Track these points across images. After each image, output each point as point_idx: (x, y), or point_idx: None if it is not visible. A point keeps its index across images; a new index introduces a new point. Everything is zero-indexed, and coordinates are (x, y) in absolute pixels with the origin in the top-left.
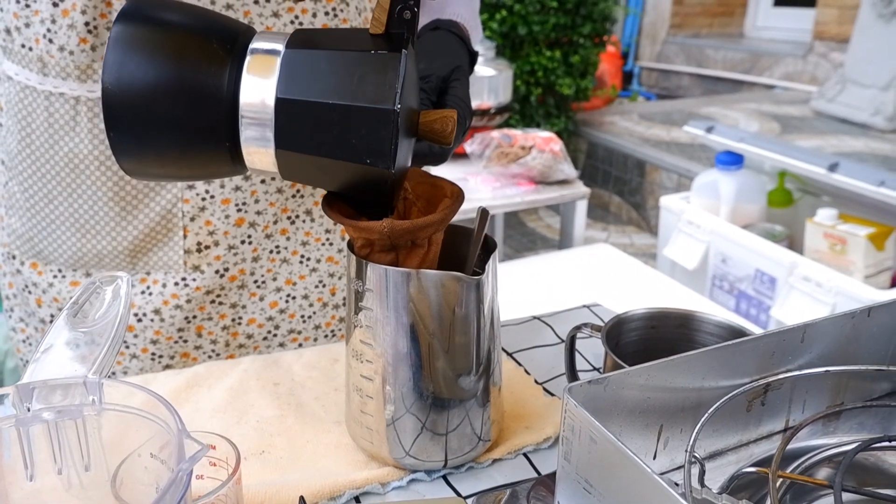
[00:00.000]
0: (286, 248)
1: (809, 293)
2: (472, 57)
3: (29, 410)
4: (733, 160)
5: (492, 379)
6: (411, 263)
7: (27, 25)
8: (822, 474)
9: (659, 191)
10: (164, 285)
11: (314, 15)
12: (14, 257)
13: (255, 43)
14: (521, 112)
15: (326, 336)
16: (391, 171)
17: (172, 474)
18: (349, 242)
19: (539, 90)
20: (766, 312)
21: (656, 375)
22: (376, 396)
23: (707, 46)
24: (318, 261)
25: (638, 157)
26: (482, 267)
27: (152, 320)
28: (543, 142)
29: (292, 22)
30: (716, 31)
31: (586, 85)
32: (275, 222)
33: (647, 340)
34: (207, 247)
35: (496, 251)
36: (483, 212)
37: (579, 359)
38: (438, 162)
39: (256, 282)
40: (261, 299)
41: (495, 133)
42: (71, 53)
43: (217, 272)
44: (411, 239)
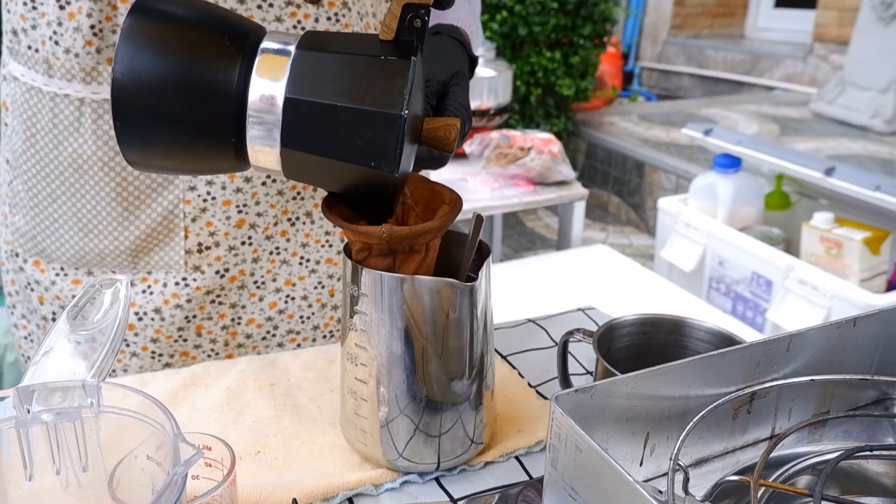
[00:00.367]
0: (286, 250)
1: (805, 296)
2: (473, 62)
3: (29, 412)
4: (731, 163)
5: (485, 382)
6: (408, 268)
7: (34, 27)
8: (806, 482)
9: (658, 192)
10: (165, 285)
11: (316, 20)
12: (17, 255)
13: (266, 42)
14: (521, 112)
15: (325, 337)
16: (395, 175)
17: (168, 477)
18: (346, 246)
19: (539, 91)
20: (763, 315)
21: (643, 384)
22: (370, 399)
23: (707, 47)
24: (318, 262)
25: (637, 158)
26: (476, 272)
27: (153, 319)
28: (542, 143)
29: (294, 27)
30: (716, 32)
31: (586, 86)
32: (275, 224)
33: (639, 346)
34: (208, 247)
35: (490, 257)
36: (478, 218)
37: (573, 362)
38: (438, 166)
39: (256, 282)
40: (260, 300)
41: (494, 134)
42: (76, 56)
43: (217, 272)
44: (409, 244)
